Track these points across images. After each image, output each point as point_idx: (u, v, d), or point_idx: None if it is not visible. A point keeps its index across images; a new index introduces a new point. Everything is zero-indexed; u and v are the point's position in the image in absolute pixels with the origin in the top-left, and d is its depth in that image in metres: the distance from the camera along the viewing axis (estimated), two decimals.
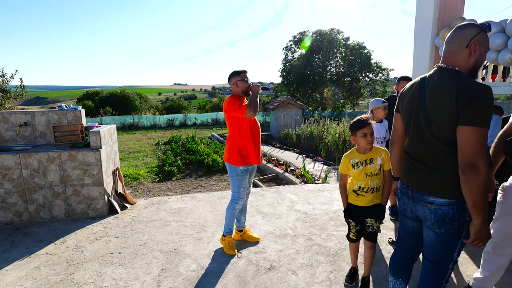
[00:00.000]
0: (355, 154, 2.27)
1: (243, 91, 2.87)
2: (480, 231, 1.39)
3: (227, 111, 2.82)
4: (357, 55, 30.58)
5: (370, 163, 2.21)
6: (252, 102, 2.78)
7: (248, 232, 3.25)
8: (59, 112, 4.10)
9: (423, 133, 1.54)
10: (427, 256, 1.66)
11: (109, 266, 2.74)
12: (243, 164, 2.88)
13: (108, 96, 34.05)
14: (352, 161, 2.27)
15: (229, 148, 2.91)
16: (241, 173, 2.91)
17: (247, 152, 2.89)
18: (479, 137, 1.34)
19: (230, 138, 2.92)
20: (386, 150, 2.23)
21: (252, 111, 2.75)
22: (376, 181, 2.23)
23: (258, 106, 2.81)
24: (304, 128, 13.53)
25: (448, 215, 1.48)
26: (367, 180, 2.22)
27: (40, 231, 3.44)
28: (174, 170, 9.27)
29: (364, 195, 2.26)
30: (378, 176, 2.23)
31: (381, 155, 2.22)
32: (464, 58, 1.46)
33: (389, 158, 1.97)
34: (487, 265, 2.13)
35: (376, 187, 2.24)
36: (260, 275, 2.59)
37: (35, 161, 3.59)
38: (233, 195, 2.97)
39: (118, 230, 3.45)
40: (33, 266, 2.74)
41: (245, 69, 2.90)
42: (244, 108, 2.75)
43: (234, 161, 2.87)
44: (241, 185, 2.93)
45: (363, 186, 2.25)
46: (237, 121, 2.84)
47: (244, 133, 2.87)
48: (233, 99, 2.81)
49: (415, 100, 1.58)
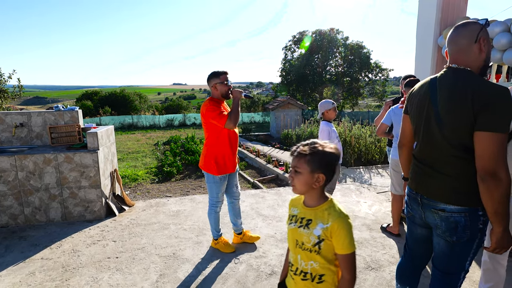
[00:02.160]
0: (299, 201, 1.37)
1: (222, 94, 2.71)
2: (502, 239, 1.35)
3: (204, 116, 2.65)
4: (357, 55, 30.52)
5: (306, 227, 1.27)
6: (233, 112, 2.59)
7: (247, 233, 3.19)
8: (55, 113, 4.03)
9: (434, 137, 1.47)
10: (437, 265, 1.59)
11: (106, 271, 2.67)
12: (220, 174, 2.77)
13: (107, 96, 33.93)
14: (292, 209, 1.38)
15: (206, 155, 2.78)
16: (219, 180, 2.81)
17: (224, 161, 2.77)
18: (499, 143, 1.27)
19: (207, 145, 2.78)
20: (341, 218, 1.20)
21: (232, 123, 2.57)
22: (313, 264, 1.25)
23: (239, 116, 2.62)
24: (304, 128, 13.47)
25: (461, 223, 1.41)
26: (296, 253, 1.30)
27: (36, 234, 3.36)
28: (173, 170, 9.20)
29: (293, 278, 1.33)
30: (318, 256, 1.24)
31: (327, 222, 1.22)
32: (475, 55, 1.40)
33: (345, 233, 1.18)
34: (490, 274, 2.07)
35: (312, 273, 1.26)
36: (261, 281, 2.52)
37: (31, 163, 3.52)
38: (211, 200, 2.90)
39: (115, 233, 3.37)
40: (27, 271, 2.67)
41: (226, 71, 2.72)
42: (224, 118, 2.56)
43: (211, 169, 2.76)
44: (219, 191, 2.85)
45: (292, 261, 1.34)
46: (215, 128, 2.69)
47: (222, 141, 2.72)
48: (212, 105, 2.63)
49: (425, 102, 1.51)
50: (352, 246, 1.20)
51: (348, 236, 1.19)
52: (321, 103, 3.40)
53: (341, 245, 1.19)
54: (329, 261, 1.24)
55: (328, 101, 3.40)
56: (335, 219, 1.21)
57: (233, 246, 2.98)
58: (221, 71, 2.72)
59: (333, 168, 1.25)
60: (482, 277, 2.12)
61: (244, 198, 4.44)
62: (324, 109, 3.34)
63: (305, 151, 1.22)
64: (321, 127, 3.33)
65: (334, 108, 3.33)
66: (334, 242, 1.21)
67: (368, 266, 2.72)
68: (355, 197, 4.54)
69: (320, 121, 3.39)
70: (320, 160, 1.21)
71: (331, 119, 3.39)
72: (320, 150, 1.21)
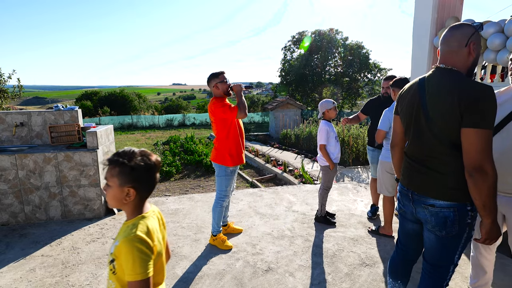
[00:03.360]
0: None
1: (224, 92, 2.92)
2: (491, 230, 1.41)
3: (214, 113, 2.85)
4: (356, 55, 30.58)
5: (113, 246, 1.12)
6: (240, 103, 2.84)
7: (231, 225, 3.38)
8: (55, 113, 4.07)
9: (423, 135, 1.52)
10: (427, 259, 1.65)
11: (105, 268, 2.71)
12: (234, 165, 2.96)
13: (106, 96, 33.97)
14: None
15: (219, 149, 2.95)
16: (230, 173, 2.99)
17: (237, 153, 2.96)
18: (485, 139, 1.32)
19: (219, 140, 2.96)
20: (127, 239, 1.05)
21: (243, 112, 2.82)
22: (111, 285, 1.13)
23: (246, 106, 2.87)
24: (303, 128, 13.53)
25: (450, 218, 1.47)
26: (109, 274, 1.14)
27: (36, 232, 3.41)
28: (172, 170, 9.24)
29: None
30: (114, 277, 1.11)
31: (116, 239, 1.11)
32: (464, 57, 1.46)
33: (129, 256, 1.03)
34: (476, 269, 2.14)
35: None
36: (258, 277, 2.57)
37: (31, 161, 3.56)
38: (219, 194, 3.04)
39: (114, 231, 3.42)
40: (28, 268, 2.71)
41: (223, 70, 2.95)
42: (235, 110, 2.80)
43: (225, 161, 2.93)
44: (228, 184, 3.02)
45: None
46: (225, 124, 2.88)
47: (233, 134, 2.93)
48: (220, 101, 2.85)
49: (415, 101, 1.56)
50: (137, 274, 1.02)
51: (132, 261, 1.02)
52: (322, 102, 3.47)
53: (125, 269, 1.04)
54: (123, 286, 1.09)
55: (329, 100, 3.46)
56: (121, 239, 1.06)
57: (231, 244, 3.04)
58: (219, 71, 2.93)
59: (149, 180, 1.12)
60: (471, 273, 2.19)
61: (242, 197, 4.49)
62: (325, 108, 3.40)
63: (115, 162, 1.07)
64: (320, 126, 3.40)
65: (335, 107, 3.40)
66: (124, 265, 1.04)
67: (362, 263, 2.77)
68: (352, 195, 4.59)
69: (320, 120, 3.44)
70: (130, 173, 1.07)
71: (331, 118, 3.46)
72: (128, 162, 1.06)
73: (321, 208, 3.57)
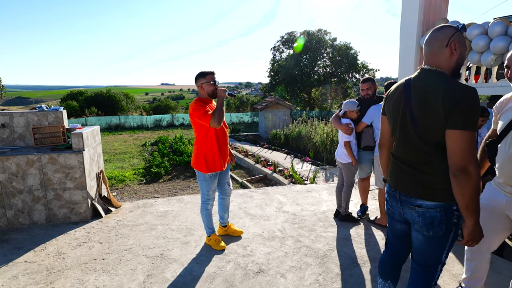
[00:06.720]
0: None
1: (209, 94, 2.78)
2: (473, 232, 1.42)
3: (191, 116, 2.73)
4: (344, 55, 30.93)
5: None
6: (216, 110, 2.64)
7: (231, 227, 3.34)
8: (39, 113, 3.95)
9: (409, 136, 1.53)
10: (416, 259, 1.66)
11: (92, 273, 2.64)
12: (209, 172, 2.86)
13: (93, 96, 33.27)
14: None
15: (196, 154, 2.88)
16: (209, 178, 2.90)
17: (212, 159, 2.84)
18: (468, 140, 1.34)
19: (197, 143, 2.87)
20: None
21: (216, 121, 2.62)
22: None
23: (223, 115, 2.68)
24: (293, 128, 13.57)
25: (436, 218, 1.48)
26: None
27: (19, 237, 3.29)
28: (161, 171, 9.12)
29: None
30: None
31: None
32: (446, 58, 1.47)
33: None
34: (469, 264, 2.17)
35: None
36: (249, 279, 2.55)
37: (13, 164, 3.44)
38: (203, 198, 3.00)
39: (102, 235, 3.34)
40: (10, 275, 2.62)
41: (213, 71, 2.78)
42: (209, 117, 2.62)
43: (201, 167, 2.84)
44: (210, 189, 2.94)
45: None
46: (202, 128, 2.76)
47: (210, 140, 2.80)
48: (198, 105, 2.70)
49: (400, 102, 1.57)
50: None
51: None
52: (347, 102, 3.48)
53: None
54: None
55: (354, 102, 3.45)
56: None
57: (224, 245, 3.03)
58: (208, 71, 2.79)
59: None
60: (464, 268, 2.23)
61: (232, 198, 4.46)
62: (348, 109, 3.45)
63: None
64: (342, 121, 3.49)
65: (357, 111, 3.43)
66: None
67: (353, 262, 2.78)
68: None
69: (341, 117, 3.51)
70: None
71: (352, 119, 3.49)
72: None
73: (346, 206, 3.61)
